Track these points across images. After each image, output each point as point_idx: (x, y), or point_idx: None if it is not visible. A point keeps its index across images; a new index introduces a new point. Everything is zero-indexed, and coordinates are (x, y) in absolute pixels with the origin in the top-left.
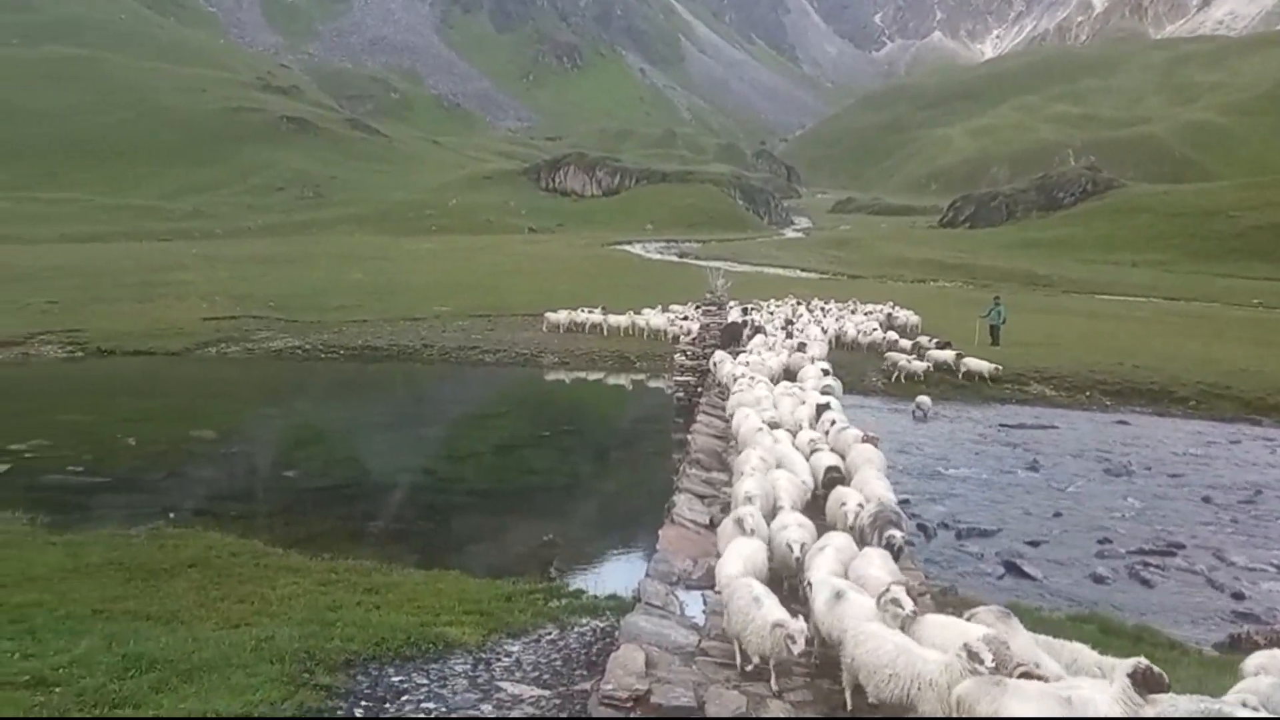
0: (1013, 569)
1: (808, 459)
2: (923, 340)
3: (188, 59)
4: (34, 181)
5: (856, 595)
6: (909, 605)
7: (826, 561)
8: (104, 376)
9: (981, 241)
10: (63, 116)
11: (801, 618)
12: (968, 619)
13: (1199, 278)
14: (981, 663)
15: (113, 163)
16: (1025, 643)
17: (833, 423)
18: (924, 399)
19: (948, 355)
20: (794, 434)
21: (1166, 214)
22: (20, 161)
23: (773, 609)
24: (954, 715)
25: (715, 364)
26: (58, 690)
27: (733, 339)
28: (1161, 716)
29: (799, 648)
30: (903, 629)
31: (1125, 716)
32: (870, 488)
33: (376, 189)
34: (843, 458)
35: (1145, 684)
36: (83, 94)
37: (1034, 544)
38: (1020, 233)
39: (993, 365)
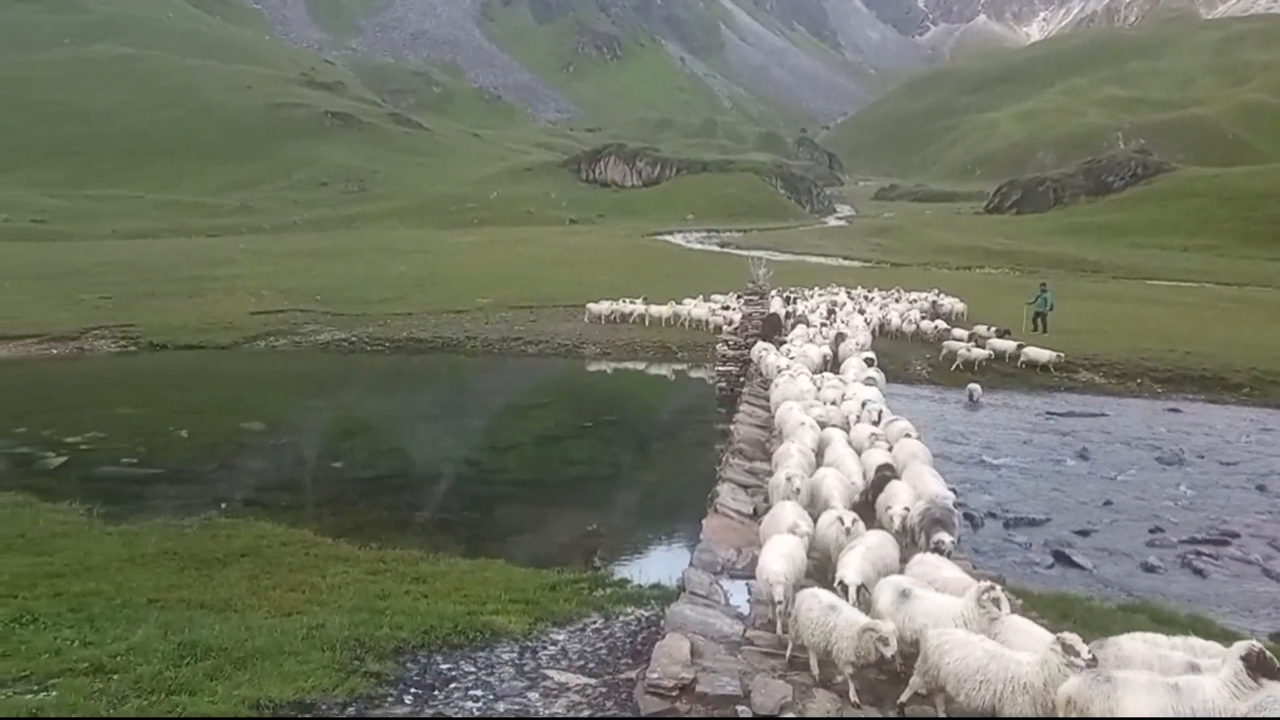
0: (1062, 558)
1: (861, 454)
2: (980, 329)
3: (233, 56)
4: (85, 179)
5: (926, 593)
6: (1006, 608)
7: (855, 559)
8: (156, 370)
9: (1028, 227)
10: (112, 115)
11: (889, 618)
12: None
13: (1253, 262)
14: (1078, 655)
15: (161, 160)
16: (1136, 647)
17: (880, 414)
18: (975, 386)
19: (1008, 345)
20: (846, 429)
21: (1219, 197)
22: (72, 159)
23: (853, 613)
24: (1062, 716)
25: (758, 356)
26: (115, 677)
27: (774, 329)
28: (1262, 711)
29: (892, 649)
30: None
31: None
32: (924, 485)
33: (419, 182)
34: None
35: (1258, 668)
36: (131, 92)
37: (1083, 533)
38: (1068, 218)
39: (1054, 353)
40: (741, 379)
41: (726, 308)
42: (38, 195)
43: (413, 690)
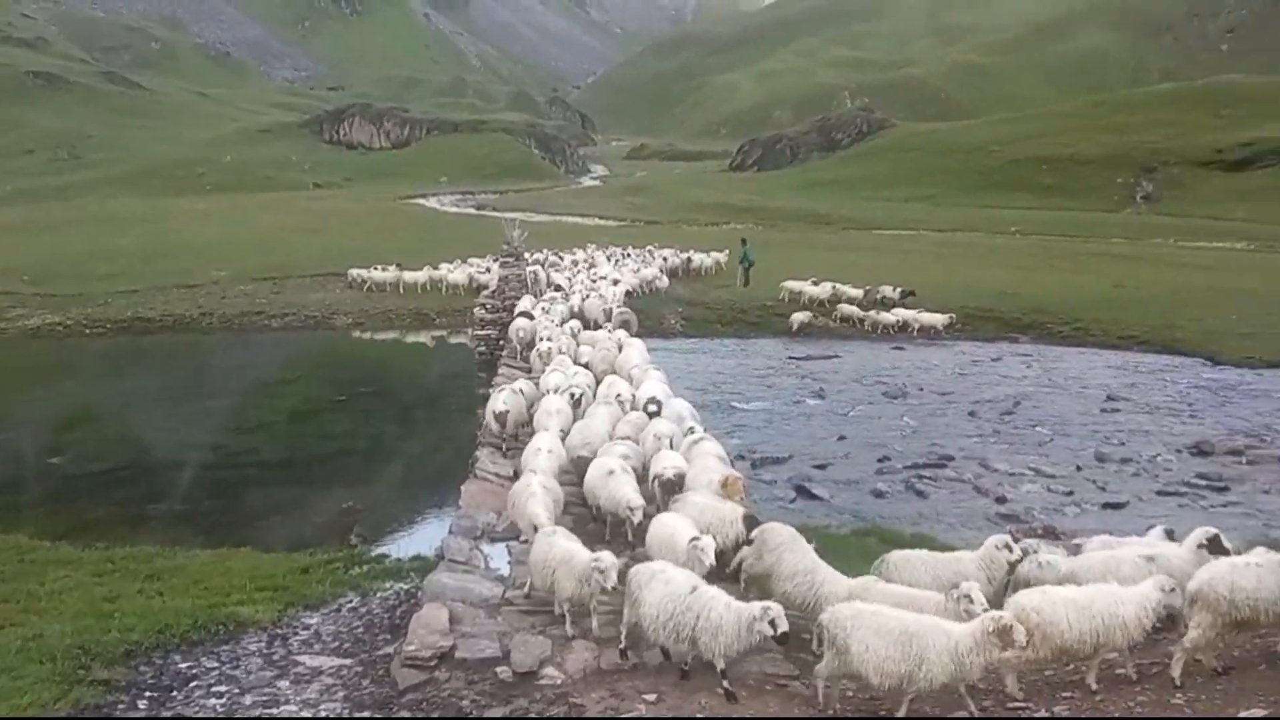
0: (803, 492)
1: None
2: (886, 289)
3: None
4: None
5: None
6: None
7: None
8: None
9: (769, 184)
10: None
11: None
12: None
13: (964, 210)
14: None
15: None
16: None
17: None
18: (798, 316)
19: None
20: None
21: (934, 151)
22: None
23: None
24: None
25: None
26: None
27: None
28: None
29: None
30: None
31: None
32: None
33: (141, 147)
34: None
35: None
36: None
37: (821, 467)
38: (804, 174)
39: (946, 316)
40: (501, 342)
41: (487, 270)
42: None
43: (147, 694)
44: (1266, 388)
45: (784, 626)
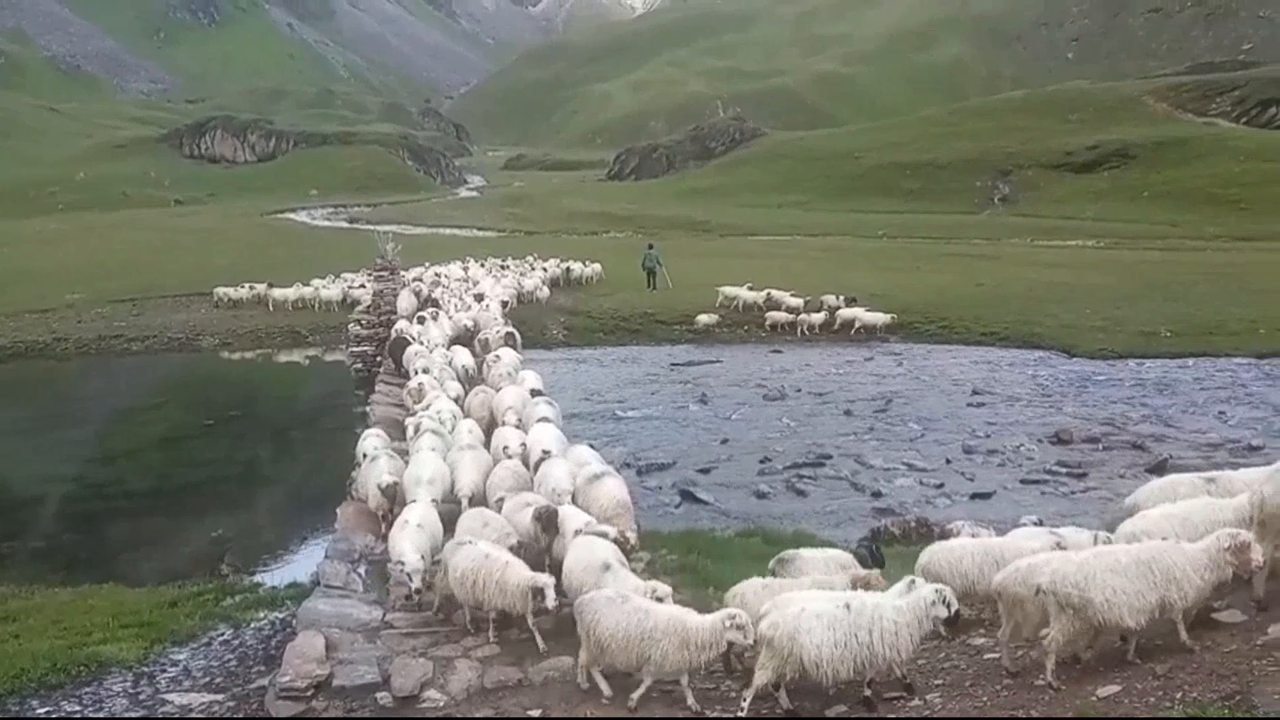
0: (688, 497)
1: None
2: (830, 299)
3: None
4: None
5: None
6: None
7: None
8: None
9: (646, 192)
10: None
11: None
12: None
13: (834, 215)
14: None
15: None
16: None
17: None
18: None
19: (856, 312)
20: None
21: (803, 159)
22: None
23: None
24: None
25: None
26: None
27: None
28: None
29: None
30: None
31: None
32: None
33: None
34: None
35: None
36: None
37: (705, 471)
38: (680, 182)
39: (888, 316)
40: (378, 358)
41: (362, 285)
42: None
43: None
44: (1119, 377)
45: (955, 605)
